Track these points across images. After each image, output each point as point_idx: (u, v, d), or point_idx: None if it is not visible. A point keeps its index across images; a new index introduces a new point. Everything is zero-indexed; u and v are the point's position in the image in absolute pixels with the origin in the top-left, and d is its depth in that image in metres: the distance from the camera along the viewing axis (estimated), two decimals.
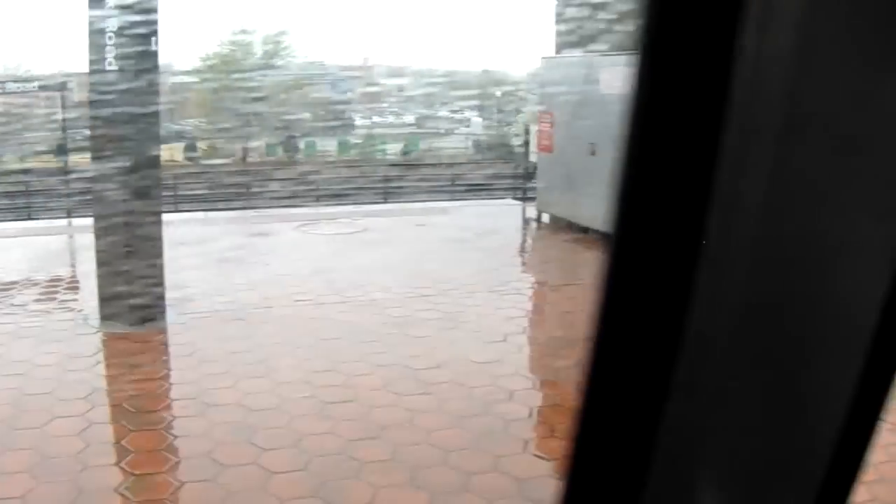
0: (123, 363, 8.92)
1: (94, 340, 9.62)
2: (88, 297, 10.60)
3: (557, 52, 17.47)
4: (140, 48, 9.41)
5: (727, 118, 1.03)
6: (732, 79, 1.02)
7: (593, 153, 14.55)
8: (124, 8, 9.30)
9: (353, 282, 11.85)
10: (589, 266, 13.69)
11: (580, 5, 16.47)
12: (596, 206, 14.53)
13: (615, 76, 14.17)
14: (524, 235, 17.35)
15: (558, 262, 14.63)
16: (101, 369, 8.92)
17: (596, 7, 15.90)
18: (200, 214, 19.58)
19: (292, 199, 27.41)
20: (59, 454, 6.67)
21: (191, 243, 13.95)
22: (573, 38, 16.73)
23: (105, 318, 9.94)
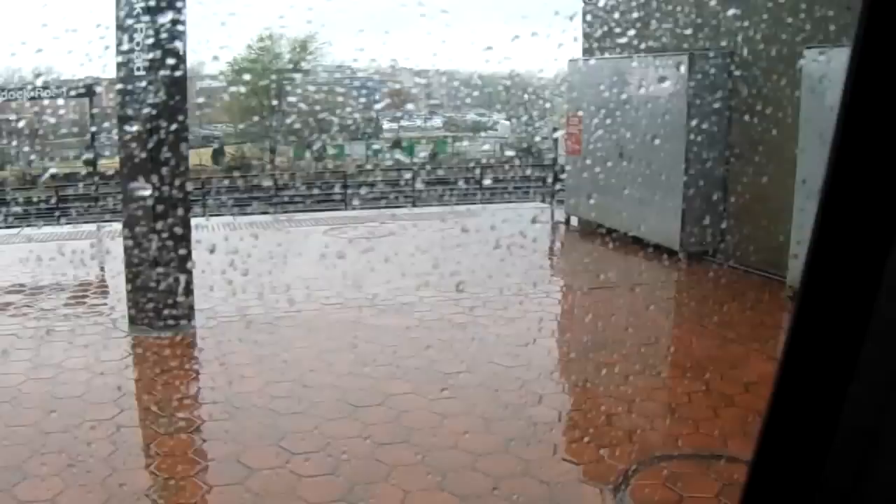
0: (152, 367, 8.93)
1: (123, 344, 9.65)
2: (118, 301, 10.64)
3: (584, 54, 17.41)
4: (168, 53, 9.42)
5: None
6: None
7: (622, 156, 14.51)
8: (152, 13, 9.32)
9: (382, 285, 11.84)
10: (617, 269, 13.65)
11: (608, 8, 16.42)
12: (624, 209, 14.48)
13: (643, 79, 14.13)
14: (552, 239, 17.31)
15: (586, 266, 14.57)
16: (131, 373, 8.94)
17: (623, 10, 15.85)
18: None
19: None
20: (89, 457, 6.67)
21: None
22: (601, 41, 16.67)
23: (134, 322, 9.97)
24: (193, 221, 10.66)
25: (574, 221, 16.99)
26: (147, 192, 9.26)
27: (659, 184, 13.54)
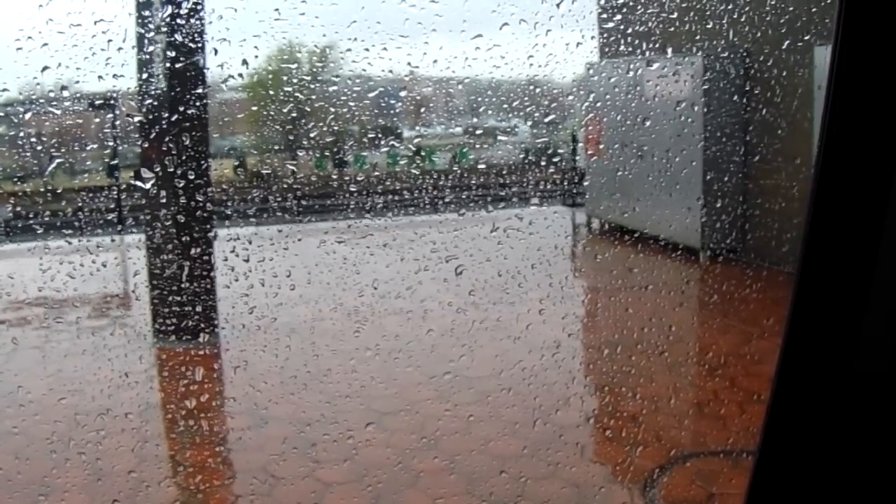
0: (177, 378, 8.93)
1: (147, 356, 9.65)
2: (141, 313, 10.64)
3: (601, 57, 17.39)
4: (189, 65, 9.42)
5: None
6: None
7: (640, 157, 14.48)
8: (173, 25, 9.33)
9: (405, 293, 11.82)
10: (639, 270, 13.61)
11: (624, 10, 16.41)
12: (645, 210, 14.45)
13: (659, 79, 14.10)
14: (574, 241, 17.27)
15: (609, 267, 14.55)
16: (155, 384, 8.94)
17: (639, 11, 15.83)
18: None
19: None
20: (114, 471, 6.67)
21: None
22: (616, 43, 16.67)
23: (158, 333, 9.96)
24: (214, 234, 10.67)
25: (595, 223, 16.97)
26: (149, 185, 9.29)
27: (678, 184, 13.52)
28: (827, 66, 1.20)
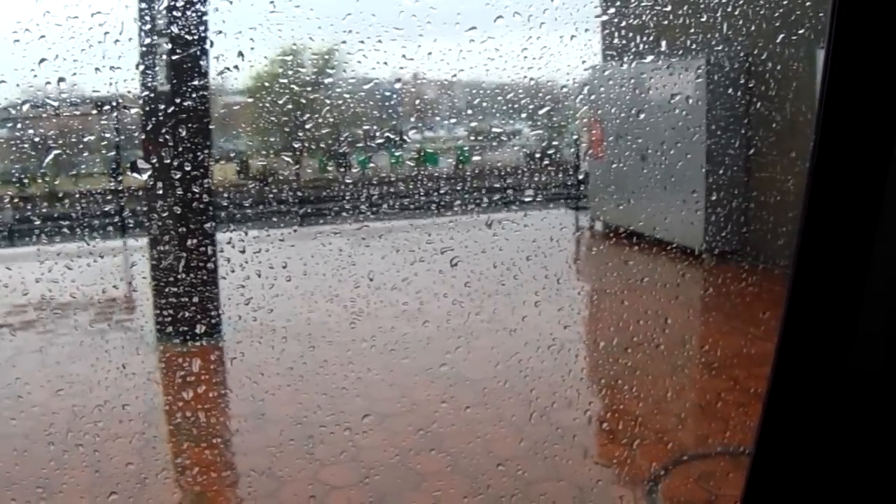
0: (180, 379, 8.93)
1: (151, 357, 9.65)
2: (145, 314, 10.64)
3: (604, 60, 17.40)
4: (191, 68, 9.43)
5: None
6: None
7: (644, 160, 14.48)
8: (175, 27, 9.34)
9: (408, 293, 11.82)
10: (642, 271, 13.61)
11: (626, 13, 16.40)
12: (648, 211, 14.45)
13: (662, 82, 14.10)
14: (577, 243, 17.27)
15: (612, 268, 14.53)
16: (159, 385, 8.94)
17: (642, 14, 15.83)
18: None
19: None
20: (117, 472, 6.68)
21: None
22: (619, 46, 16.67)
23: (161, 334, 9.97)
24: (218, 236, 10.68)
25: (599, 226, 16.97)
26: (146, 176, 9.30)
27: (681, 185, 13.53)
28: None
